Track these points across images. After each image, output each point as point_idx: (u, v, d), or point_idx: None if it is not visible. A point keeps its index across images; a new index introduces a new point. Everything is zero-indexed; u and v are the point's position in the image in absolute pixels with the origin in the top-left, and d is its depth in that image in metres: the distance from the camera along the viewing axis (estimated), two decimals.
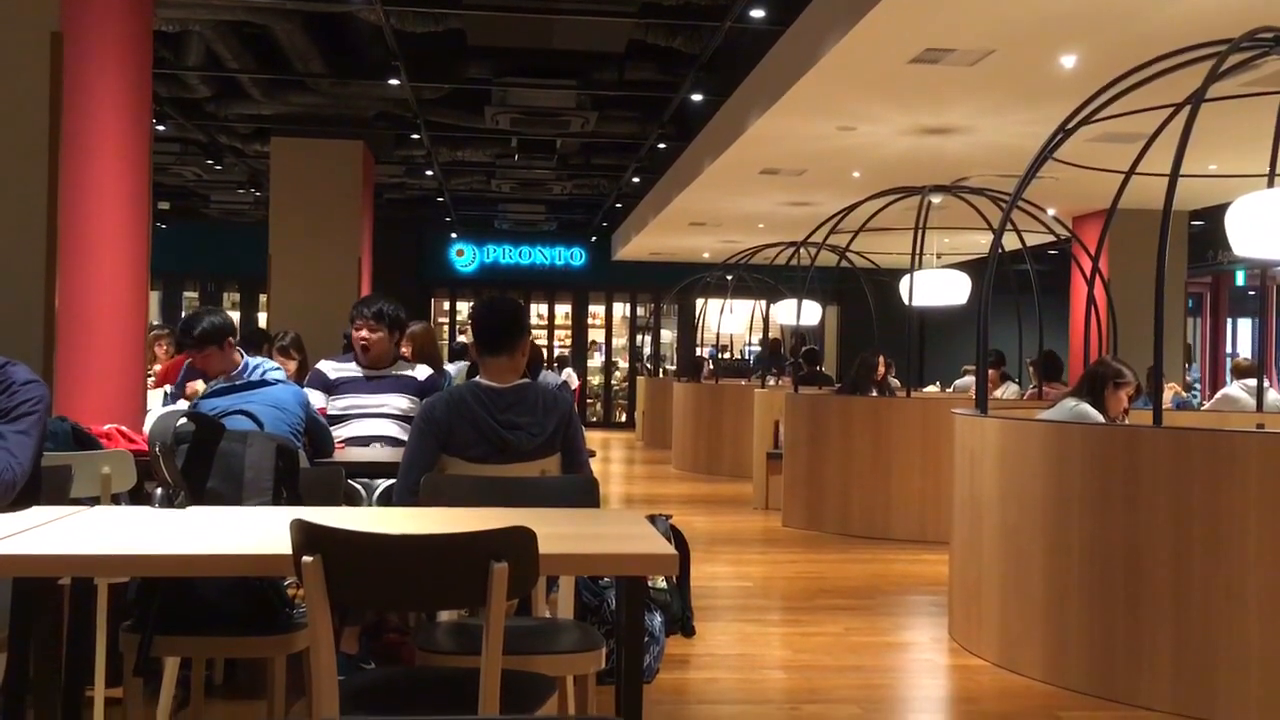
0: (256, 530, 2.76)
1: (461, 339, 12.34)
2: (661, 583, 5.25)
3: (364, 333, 4.95)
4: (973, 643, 5.08)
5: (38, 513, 2.82)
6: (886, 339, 10.22)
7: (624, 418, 20.71)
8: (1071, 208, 12.36)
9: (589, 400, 20.78)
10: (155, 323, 9.82)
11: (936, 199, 9.26)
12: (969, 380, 11.35)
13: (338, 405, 4.99)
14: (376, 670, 4.04)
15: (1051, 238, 11.25)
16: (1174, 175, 4.58)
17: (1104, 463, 4.50)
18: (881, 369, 9.62)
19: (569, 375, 14.23)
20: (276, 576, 3.11)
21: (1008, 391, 9.69)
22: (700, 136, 11.14)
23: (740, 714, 4.28)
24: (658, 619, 4.83)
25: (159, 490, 3.05)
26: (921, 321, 13.80)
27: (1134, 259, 10.82)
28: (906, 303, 9.13)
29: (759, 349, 16.19)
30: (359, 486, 4.41)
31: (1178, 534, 4.25)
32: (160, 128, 11.85)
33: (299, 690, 3.36)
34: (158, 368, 7.52)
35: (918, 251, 8.82)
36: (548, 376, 7.56)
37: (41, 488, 3.01)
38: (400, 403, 4.98)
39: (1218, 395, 9.07)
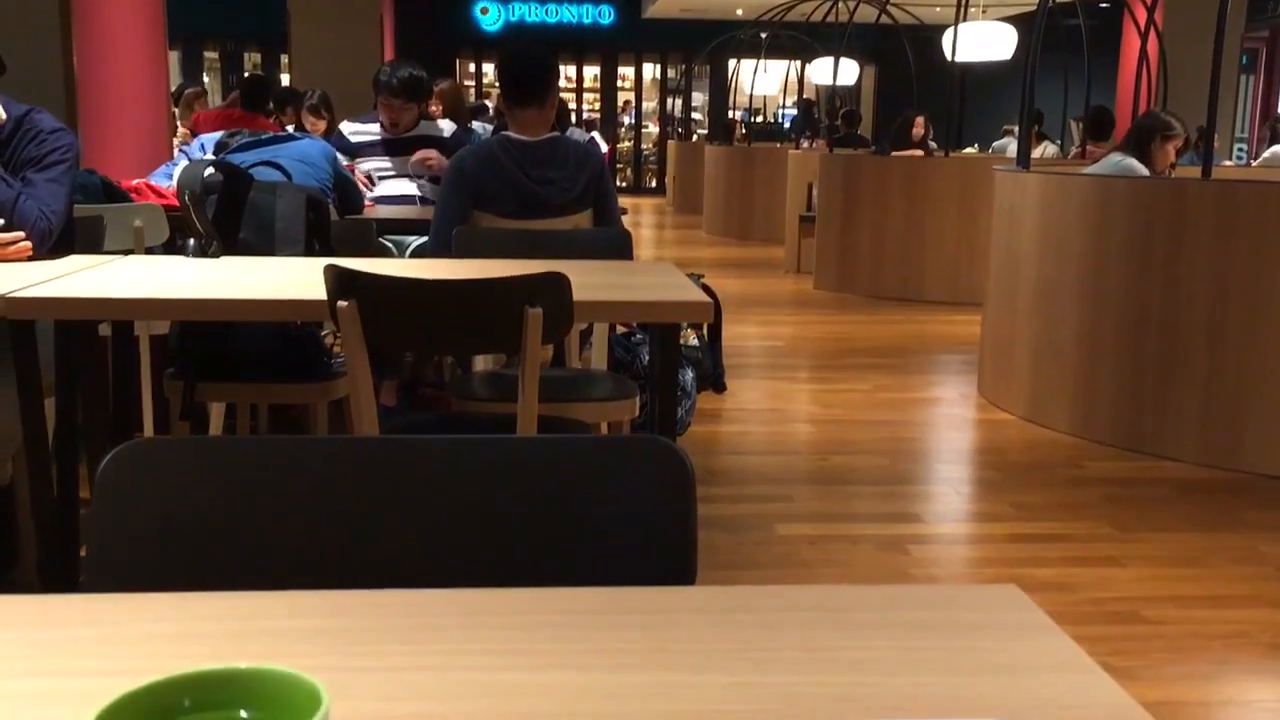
0: (291, 277, 2.76)
1: (487, 102, 12.02)
2: (693, 340, 5.29)
3: (390, 111, 4.77)
4: (1001, 398, 5.14)
5: (75, 261, 2.83)
6: (926, 100, 9.88)
7: (654, 183, 20.47)
8: None
9: (618, 165, 20.49)
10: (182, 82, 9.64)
11: None
12: (1008, 141, 11.04)
13: (363, 169, 4.91)
14: (416, 414, 4.15)
15: None
16: None
17: (1147, 216, 4.41)
18: (920, 129, 9.35)
19: (596, 138, 13.95)
20: (313, 324, 3.14)
21: (1046, 152, 9.43)
22: None
23: (770, 464, 4.39)
24: (689, 374, 4.89)
25: (192, 241, 3.05)
26: (963, 80, 13.30)
27: (1190, 11, 10.27)
28: (948, 59, 8.77)
29: (793, 112, 15.76)
30: (390, 244, 4.40)
31: (1218, 288, 4.20)
32: None
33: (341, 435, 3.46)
34: (181, 130, 7.42)
35: (962, 3, 8.39)
36: (574, 133, 7.40)
37: (76, 238, 3.01)
38: None
39: (1265, 153, 8.78)
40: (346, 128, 5.01)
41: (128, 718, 0.60)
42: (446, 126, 5.04)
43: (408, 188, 4.88)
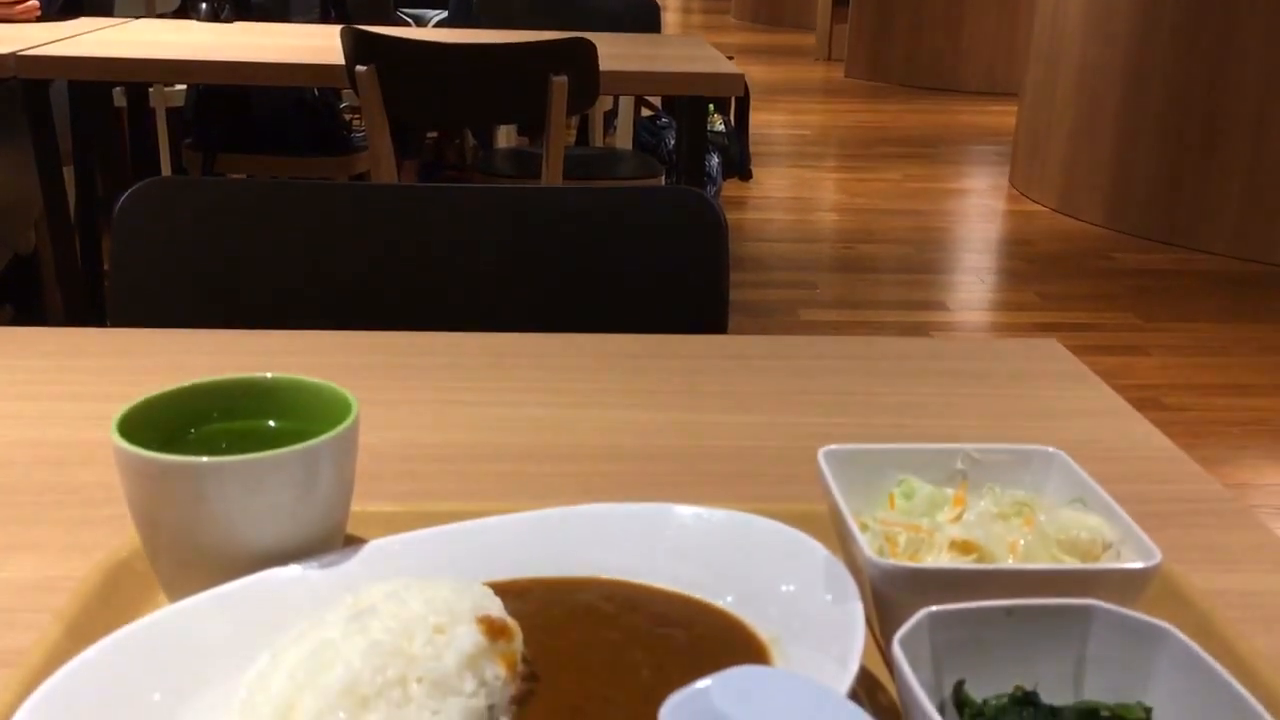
0: (307, 42, 2.66)
1: None
2: (719, 126, 5.15)
3: None
4: (1033, 189, 5.03)
5: (85, 23, 2.74)
6: None
7: None
8: None
9: None
10: None
11: None
12: None
13: None
14: None
15: None
16: None
17: None
18: None
19: None
20: (332, 96, 3.06)
21: None
22: None
23: (795, 251, 4.34)
24: (715, 160, 4.79)
25: (204, 4, 2.93)
26: None
27: None
28: None
29: None
30: (409, 19, 4.24)
31: (1267, 78, 4.02)
32: None
33: None
34: None
35: None
36: None
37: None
38: None
39: None
40: None
41: (150, 422, 0.58)
42: None
43: None
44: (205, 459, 0.55)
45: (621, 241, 1.15)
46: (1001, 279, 4.10)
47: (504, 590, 0.56)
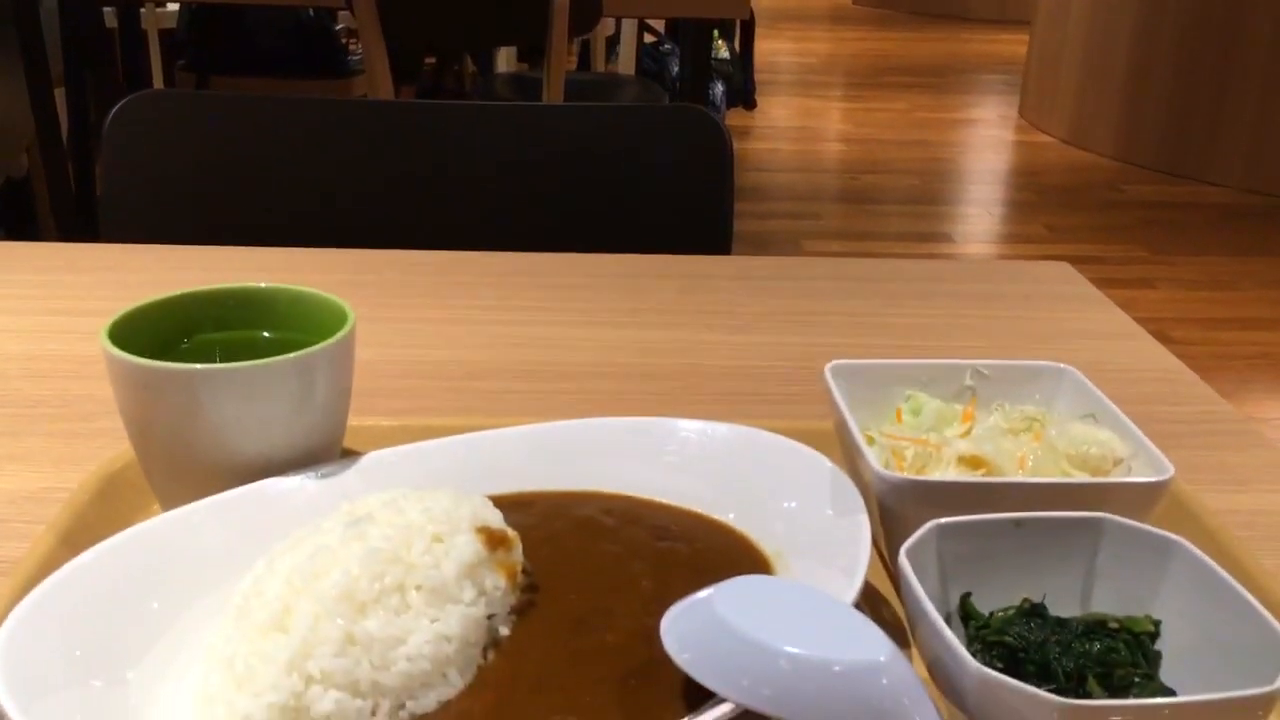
0: None
1: None
2: (724, 53, 5.07)
3: None
4: (1043, 120, 4.96)
5: None
6: None
7: None
8: None
9: None
10: None
11: None
12: None
13: None
14: None
15: None
16: None
17: None
18: None
19: None
20: (327, 17, 3.00)
21: None
22: None
23: (799, 181, 4.30)
24: (719, 88, 4.72)
25: None
26: None
27: None
28: None
29: None
30: None
31: None
32: None
33: None
34: None
35: None
36: None
37: None
38: None
39: None
40: None
41: (142, 331, 0.57)
42: None
43: None
44: (198, 366, 0.54)
45: (624, 161, 1.13)
46: (1009, 211, 4.06)
47: (504, 504, 0.55)
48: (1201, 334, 3.02)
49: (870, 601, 0.56)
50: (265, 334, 0.62)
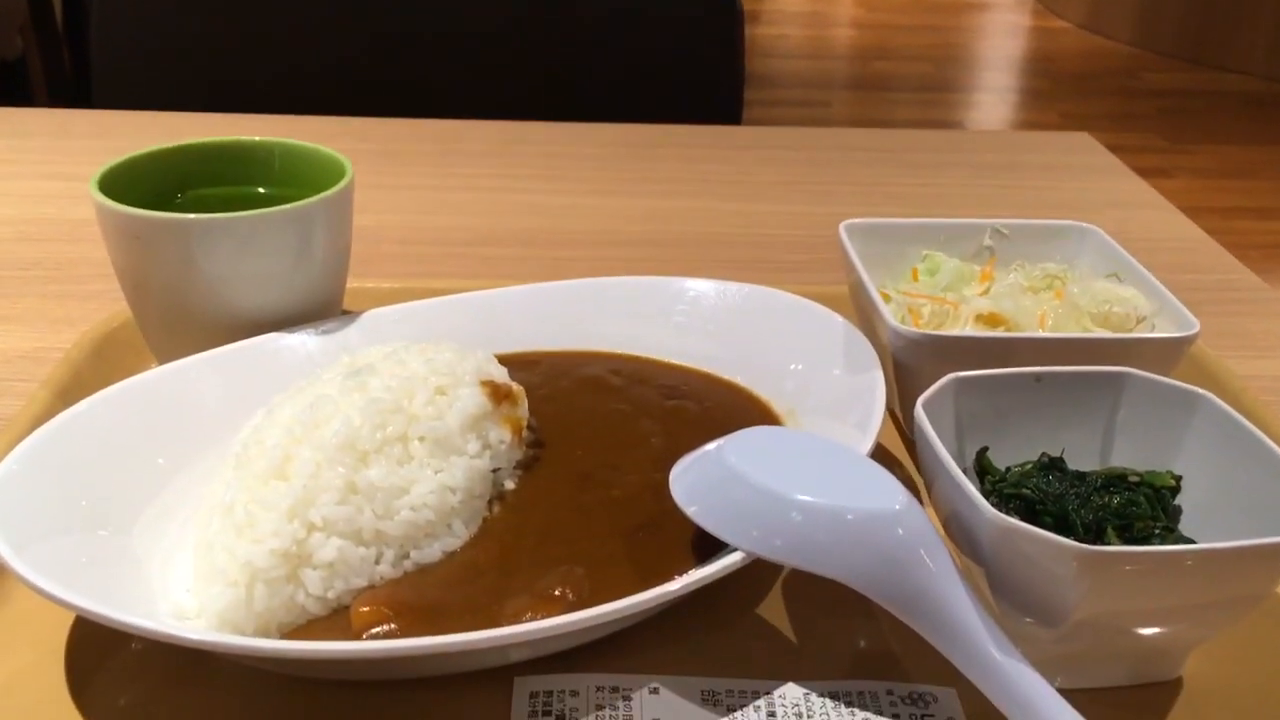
0: None
1: None
2: None
3: None
4: (1060, 4, 4.82)
5: None
6: None
7: None
8: None
9: None
10: None
11: None
12: None
13: None
14: None
15: None
16: None
17: None
18: None
19: None
20: None
21: None
22: None
23: (808, 68, 4.20)
24: None
25: None
26: None
27: None
28: None
29: None
30: None
31: None
32: None
33: None
34: None
35: None
36: None
37: None
38: None
39: None
40: None
41: (135, 182, 0.55)
42: None
43: None
44: (192, 215, 0.52)
45: (633, 29, 1.09)
46: (1023, 98, 3.97)
47: (509, 362, 0.53)
48: (1218, 224, 2.98)
49: (883, 463, 0.55)
50: (261, 189, 0.60)
